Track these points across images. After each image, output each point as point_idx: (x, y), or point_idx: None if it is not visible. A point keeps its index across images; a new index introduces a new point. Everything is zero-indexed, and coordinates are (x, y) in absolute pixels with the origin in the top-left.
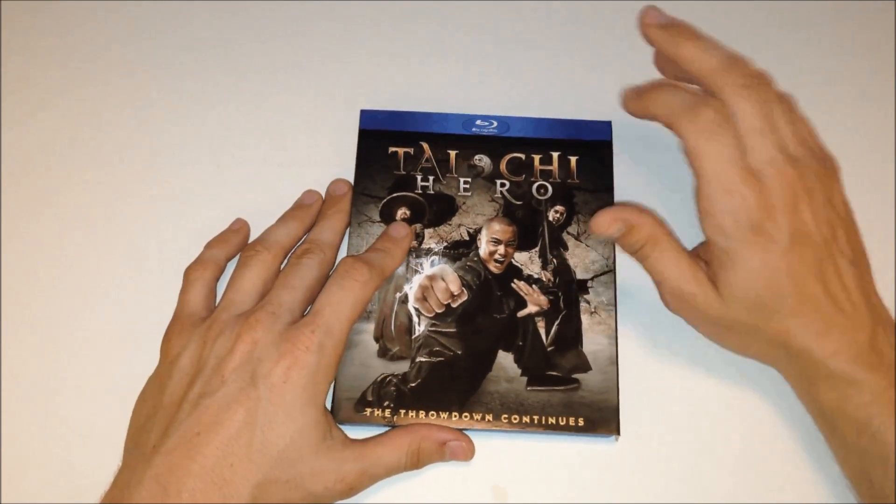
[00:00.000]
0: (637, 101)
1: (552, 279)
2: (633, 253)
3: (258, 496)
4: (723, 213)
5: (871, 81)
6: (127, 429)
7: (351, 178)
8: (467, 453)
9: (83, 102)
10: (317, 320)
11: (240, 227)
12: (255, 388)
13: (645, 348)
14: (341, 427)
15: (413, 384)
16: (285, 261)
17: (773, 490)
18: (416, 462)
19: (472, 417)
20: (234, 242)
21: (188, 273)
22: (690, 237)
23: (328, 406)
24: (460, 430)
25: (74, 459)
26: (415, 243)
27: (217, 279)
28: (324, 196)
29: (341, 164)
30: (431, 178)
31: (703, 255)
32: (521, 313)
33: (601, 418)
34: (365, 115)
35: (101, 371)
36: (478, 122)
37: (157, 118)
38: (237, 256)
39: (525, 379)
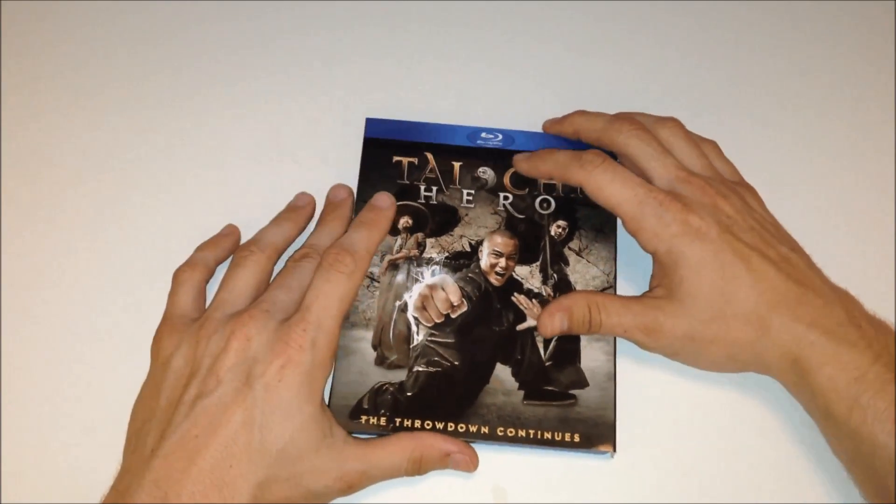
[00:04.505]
0: (527, 163)
1: (552, 294)
2: (588, 330)
3: (259, 496)
4: (649, 223)
5: (871, 81)
6: (126, 432)
7: (354, 185)
8: (470, 466)
9: (95, 104)
10: (307, 317)
11: (230, 231)
12: (251, 389)
13: (643, 365)
14: None
15: (410, 393)
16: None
17: None
18: (418, 469)
19: (467, 429)
20: (224, 246)
21: (177, 275)
22: None
23: None
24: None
25: (74, 460)
26: (416, 252)
27: (206, 281)
28: (324, 201)
29: (345, 171)
30: (435, 188)
31: (652, 284)
32: (520, 327)
33: (597, 434)
34: (370, 123)
35: (100, 372)
36: (483, 134)
37: (161, 125)
38: (227, 260)
39: (522, 393)
